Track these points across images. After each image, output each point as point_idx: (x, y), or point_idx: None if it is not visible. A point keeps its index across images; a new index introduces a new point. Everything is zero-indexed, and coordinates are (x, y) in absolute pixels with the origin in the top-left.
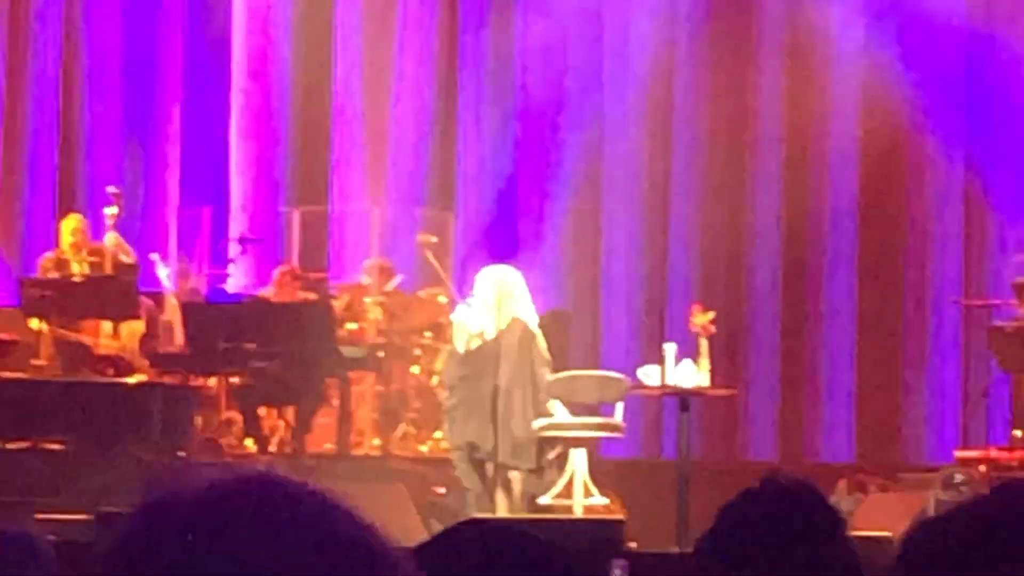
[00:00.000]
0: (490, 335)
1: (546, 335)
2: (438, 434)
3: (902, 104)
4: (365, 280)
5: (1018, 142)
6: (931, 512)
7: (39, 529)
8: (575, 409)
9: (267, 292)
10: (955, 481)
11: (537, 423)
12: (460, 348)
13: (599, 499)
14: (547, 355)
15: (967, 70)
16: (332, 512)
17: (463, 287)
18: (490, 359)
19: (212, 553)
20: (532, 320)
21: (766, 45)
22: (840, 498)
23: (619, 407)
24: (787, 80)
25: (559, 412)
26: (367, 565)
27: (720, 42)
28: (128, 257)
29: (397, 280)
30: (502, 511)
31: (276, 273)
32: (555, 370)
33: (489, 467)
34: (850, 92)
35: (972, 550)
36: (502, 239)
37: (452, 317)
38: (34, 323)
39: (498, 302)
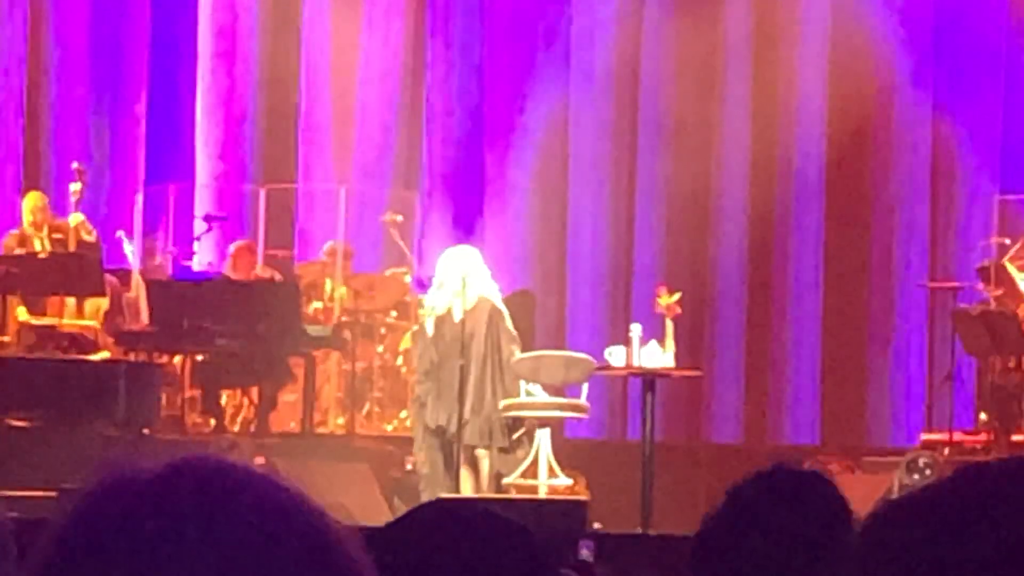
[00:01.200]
0: (457, 316)
1: (512, 316)
2: (403, 413)
3: (869, 86)
4: (325, 260)
5: (985, 125)
6: (895, 495)
7: (1, 506)
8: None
9: (224, 268)
10: (919, 464)
11: (504, 402)
12: (430, 331)
13: (563, 479)
14: (514, 332)
15: (935, 50)
16: (281, 496)
17: (428, 266)
18: (457, 341)
19: (158, 537)
20: (497, 297)
21: (732, 26)
22: None
23: (585, 388)
24: (754, 60)
25: (537, 392)
26: (317, 550)
27: (687, 20)
28: (90, 236)
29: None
30: (467, 491)
31: (232, 248)
32: (521, 351)
33: (455, 448)
34: (817, 73)
35: (932, 532)
36: (467, 219)
37: (423, 300)
38: (20, 313)
39: (463, 282)
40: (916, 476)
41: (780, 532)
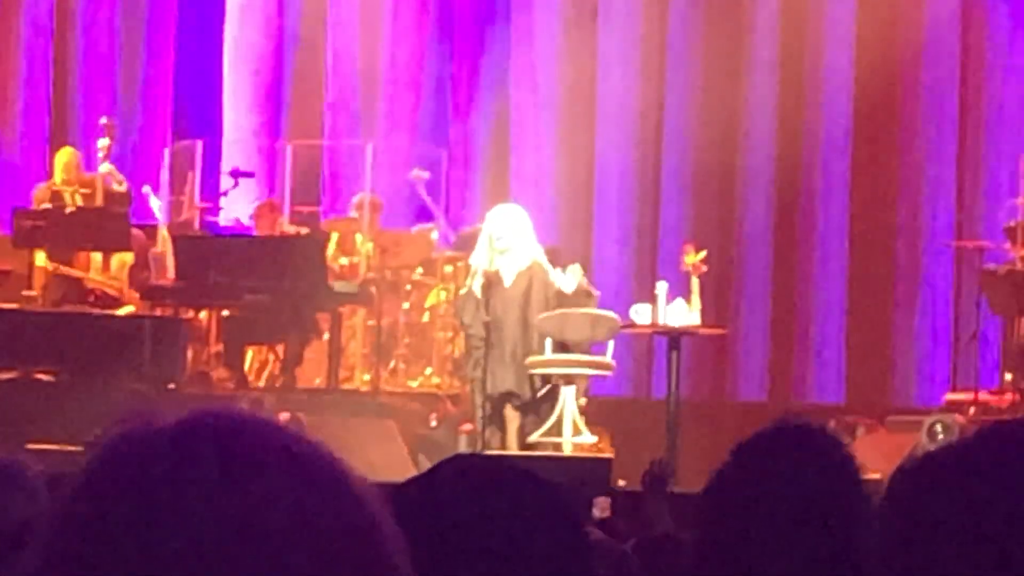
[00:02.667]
0: (508, 280)
1: None
2: (428, 370)
3: (896, 45)
4: (353, 215)
5: (1013, 85)
6: (919, 454)
7: (29, 459)
8: (566, 347)
9: (248, 225)
10: (936, 430)
11: (530, 359)
12: (479, 293)
13: (588, 437)
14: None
15: (962, 9)
16: (303, 449)
17: (455, 223)
18: (514, 303)
19: (176, 489)
20: (544, 259)
21: None
22: None
23: (610, 345)
24: (781, 20)
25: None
26: (338, 502)
27: None
28: (121, 186)
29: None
30: (495, 448)
31: (254, 206)
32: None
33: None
34: (845, 33)
35: (956, 490)
36: (493, 177)
37: (471, 261)
38: (39, 259)
39: (513, 238)
40: (937, 440)
41: (785, 488)
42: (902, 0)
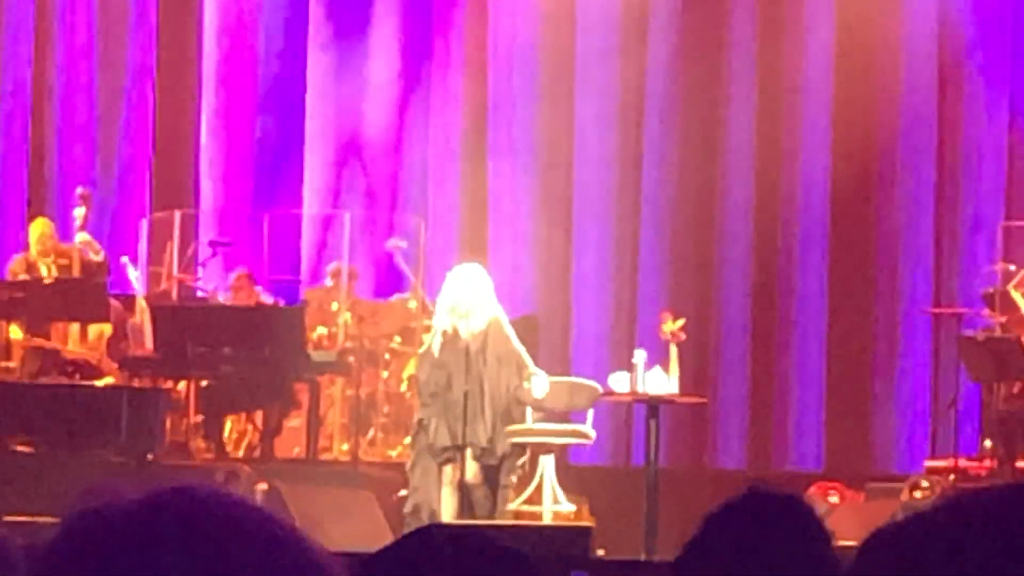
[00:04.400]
0: (464, 335)
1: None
2: (407, 439)
3: (874, 112)
4: (329, 283)
5: (990, 153)
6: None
7: (5, 531)
8: (545, 416)
9: (225, 297)
10: (919, 490)
11: (509, 428)
12: (436, 352)
13: (567, 506)
14: (526, 359)
15: (939, 77)
16: (269, 528)
17: (433, 292)
18: (463, 360)
19: (136, 569)
20: (504, 319)
21: (737, 50)
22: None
23: (590, 414)
24: (759, 88)
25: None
26: None
27: (692, 41)
28: (98, 255)
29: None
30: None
31: (232, 278)
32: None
33: (453, 472)
34: (822, 99)
35: (925, 557)
36: (471, 244)
37: (432, 321)
38: (14, 331)
39: (473, 301)
40: (917, 503)
41: (754, 557)
42: (880, 68)
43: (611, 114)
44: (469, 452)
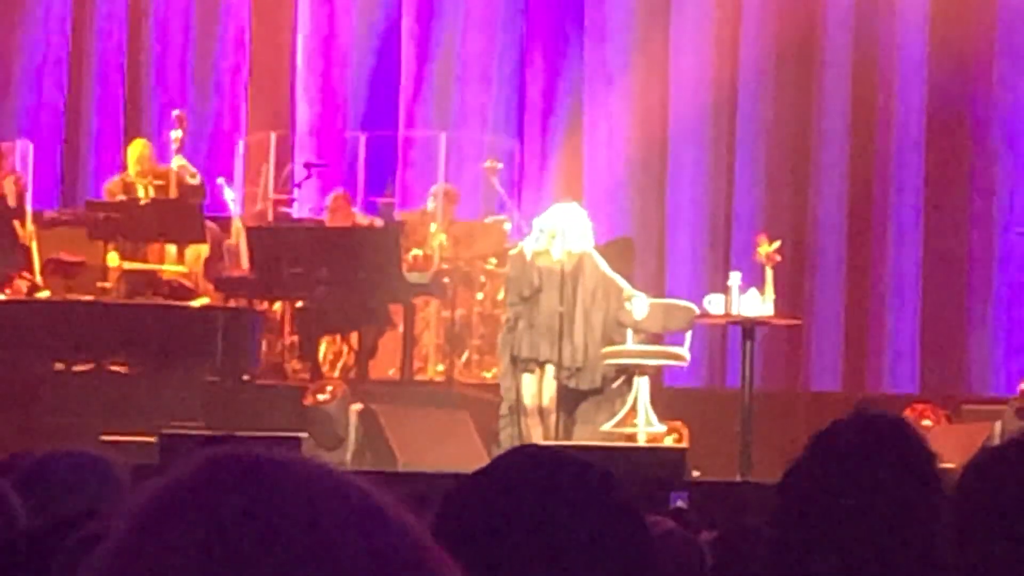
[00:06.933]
0: (557, 256)
1: (611, 264)
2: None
3: (970, 35)
4: (431, 206)
5: None
6: (996, 441)
7: (104, 451)
8: (641, 337)
9: (322, 218)
10: None
11: (606, 349)
12: (529, 255)
13: (662, 427)
14: (626, 287)
15: None
16: (338, 504)
17: (528, 214)
18: (557, 277)
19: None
20: (600, 258)
21: None
22: None
23: (688, 336)
24: (856, 3)
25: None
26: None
27: None
28: (194, 179)
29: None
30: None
31: (329, 199)
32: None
33: (531, 383)
34: (919, 21)
35: None
36: (567, 167)
37: (522, 245)
38: (112, 259)
39: (570, 229)
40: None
41: (861, 479)
42: None
43: (707, 36)
44: (551, 371)
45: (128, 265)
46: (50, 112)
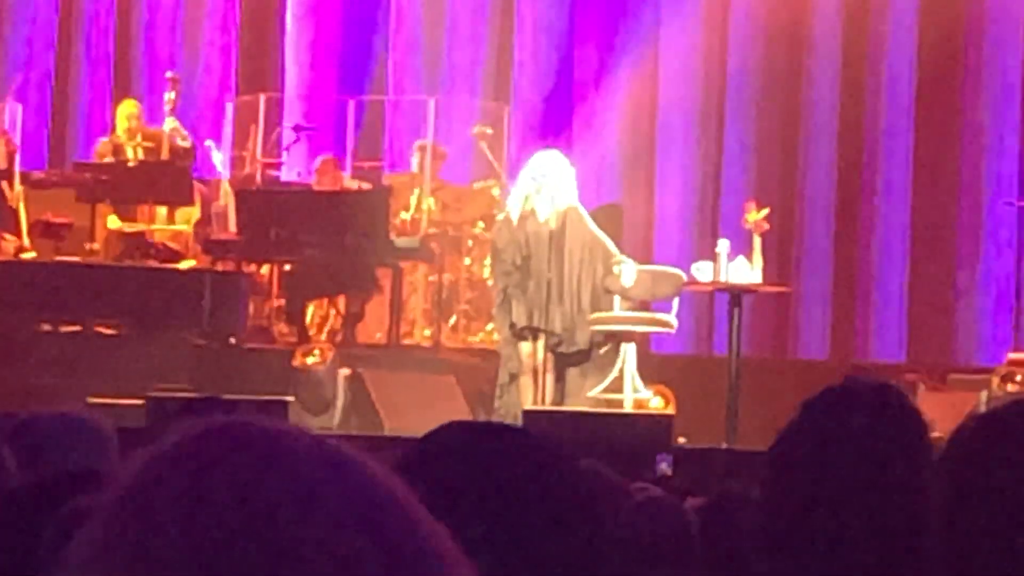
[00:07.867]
0: (543, 216)
1: (600, 229)
2: (490, 326)
3: (959, 3)
4: (415, 161)
5: None
6: (982, 409)
7: (91, 413)
8: (628, 304)
9: (310, 181)
10: (1012, 383)
11: (592, 315)
12: (515, 220)
13: (647, 394)
14: (611, 246)
15: None
16: (326, 475)
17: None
18: (544, 239)
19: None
20: (583, 209)
21: None
22: None
23: (675, 303)
24: None
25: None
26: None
27: None
28: (185, 141)
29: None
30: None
31: (318, 162)
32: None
33: (528, 350)
34: None
35: (1015, 449)
36: (556, 132)
37: (507, 200)
38: (111, 221)
39: (552, 183)
40: (1010, 387)
41: (853, 444)
42: None
43: (698, 5)
44: (543, 340)
45: (124, 227)
46: (40, 74)
